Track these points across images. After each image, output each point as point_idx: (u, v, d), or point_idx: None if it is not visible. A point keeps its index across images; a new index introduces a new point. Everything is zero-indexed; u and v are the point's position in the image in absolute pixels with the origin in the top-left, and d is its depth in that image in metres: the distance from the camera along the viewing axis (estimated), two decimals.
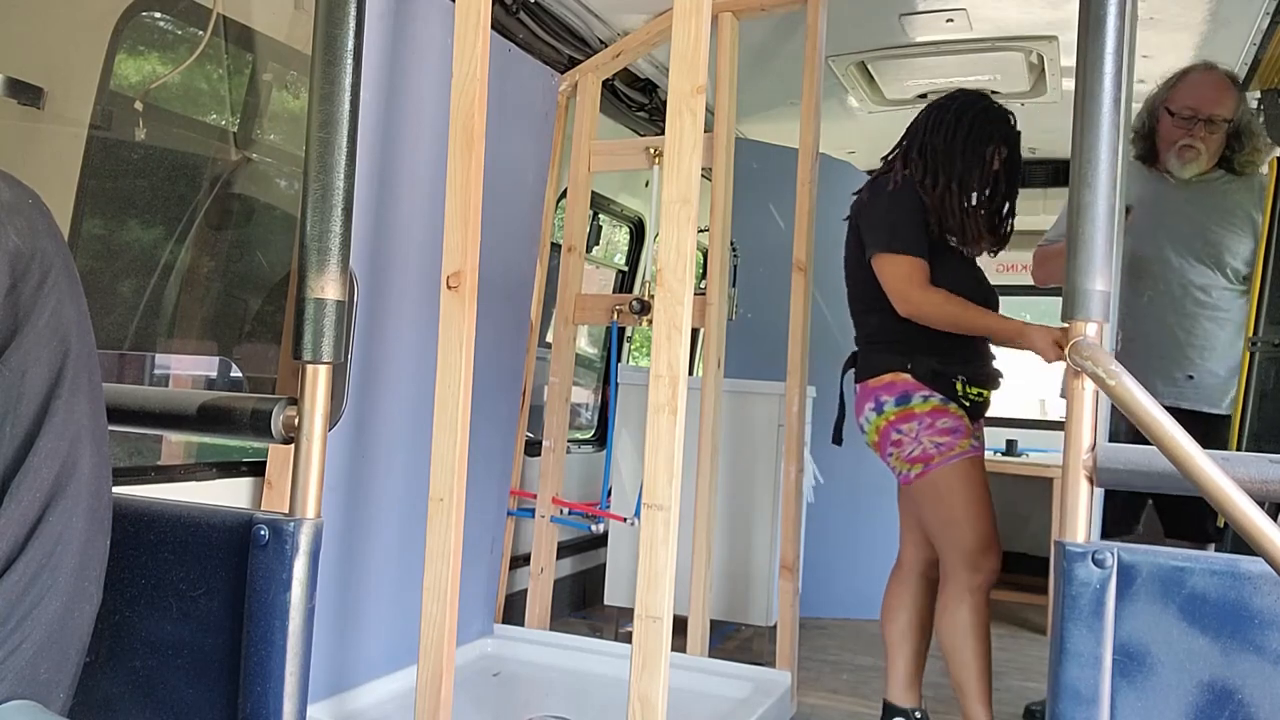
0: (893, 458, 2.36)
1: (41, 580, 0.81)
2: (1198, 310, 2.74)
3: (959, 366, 2.36)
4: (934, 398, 2.33)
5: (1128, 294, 2.63)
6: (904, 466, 2.36)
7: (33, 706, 0.80)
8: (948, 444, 2.32)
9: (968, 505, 2.34)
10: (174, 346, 2.83)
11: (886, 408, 2.34)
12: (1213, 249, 2.73)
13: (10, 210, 0.83)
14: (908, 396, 2.34)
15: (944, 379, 2.34)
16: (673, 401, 1.86)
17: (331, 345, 1.04)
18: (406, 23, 2.46)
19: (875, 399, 2.36)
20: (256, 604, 1.00)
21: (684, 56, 1.87)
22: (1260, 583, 0.95)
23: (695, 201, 1.87)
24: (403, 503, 2.55)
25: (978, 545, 2.34)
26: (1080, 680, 0.98)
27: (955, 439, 2.32)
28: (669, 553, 1.83)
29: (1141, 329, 2.72)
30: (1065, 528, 1.02)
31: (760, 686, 2.70)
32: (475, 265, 2.06)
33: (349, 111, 1.04)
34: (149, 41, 2.63)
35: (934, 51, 3.40)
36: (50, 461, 0.82)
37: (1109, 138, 1.01)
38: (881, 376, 2.36)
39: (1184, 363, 2.75)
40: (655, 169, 3.12)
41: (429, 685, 1.98)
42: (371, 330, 2.42)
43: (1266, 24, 2.83)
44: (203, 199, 2.73)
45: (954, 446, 2.32)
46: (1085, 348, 0.99)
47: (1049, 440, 4.72)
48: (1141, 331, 2.73)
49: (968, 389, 2.37)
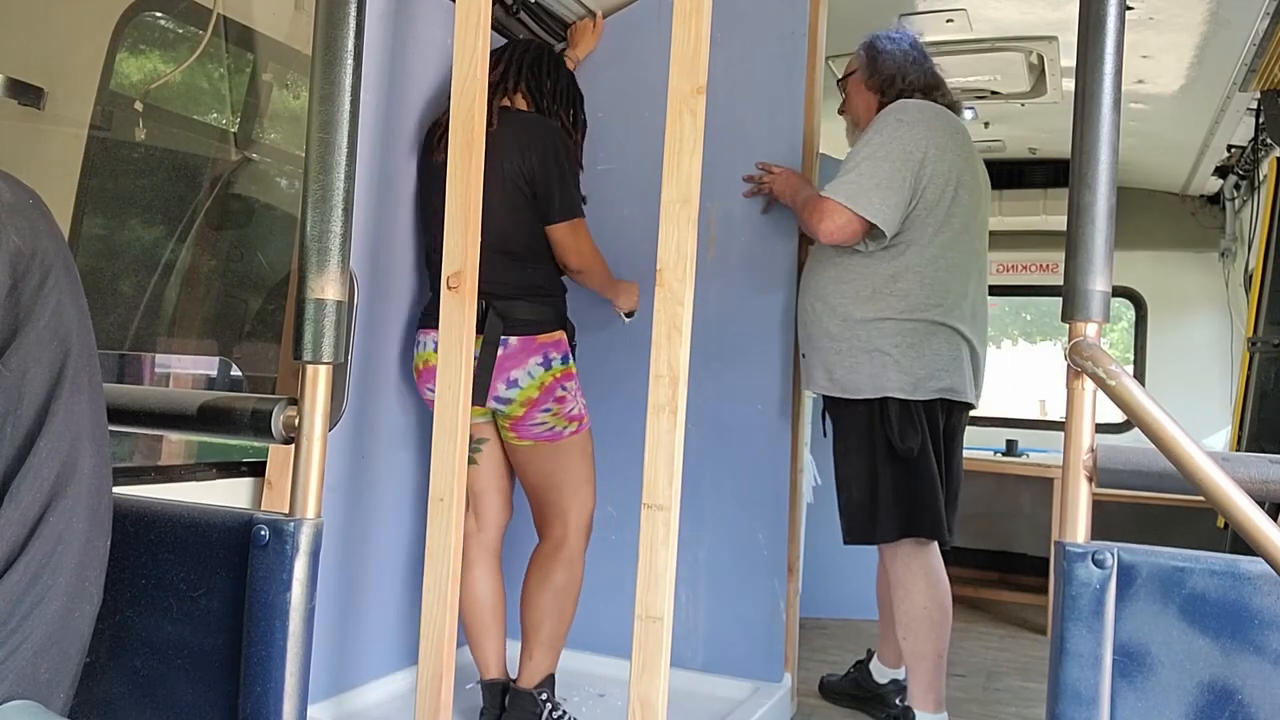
0: (550, 413, 2.34)
1: (42, 580, 0.81)
2: None
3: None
4: (571, 360, 2.41)
5: None
6: (561, 424, 2.37)
7: (33, 707, 0.80)
8: (585, 405, 2.44)
9: (592, 470, 2.46)
10: (174, 346, 2.84)
11: (555, 364, 2.34)
12: None
13: (11, 210, 0.83)
14: (568, 356, 2.38)
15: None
16: (673, 402, 1.86)
17: (331, 345, 1.04)
18: (406, 23, 2.46)
19: (544, 354, 2.34)
20: (256, 604, 1.00)
21: (684, 56, 1.87)
22: (1260, 583, 0.95)
23: (695, 201, 1.87)
24: (403, 503, 2.56)
25: (591, 512, 2.44)
26: (1080, 680, 0.98)
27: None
28: (669, 553, 1.83)
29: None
30: (1065, 528, 1.02)
31: (760, 687, 2.70)
32: (475, 265, 2.06)
33: (349, 111, 1.04)
34: (149, 41, 2.63)
35: (934, 52, 3.37)
36: (51, 461, 0.82)
37: (1109, 138, 1.01)
38: (553, 333, 2.37)
39: None
40: None
41: (429, 685, 1.98)
42: (371, 330, 2.42)
43: (1266, 24, 2.83)
44: (203, 199, 2.73)
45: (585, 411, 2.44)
46: (1085, 348, 0.99)
47: (1049, 440, 4.73)
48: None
49: None
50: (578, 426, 2.39)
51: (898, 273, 2.49)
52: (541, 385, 2.31)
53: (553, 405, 2.33)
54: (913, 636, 2.53)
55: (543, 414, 2.33)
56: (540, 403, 2.32)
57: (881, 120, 2.54)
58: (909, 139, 2.47)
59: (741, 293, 2.86)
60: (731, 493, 2.83)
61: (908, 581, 2.54)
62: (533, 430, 2.35)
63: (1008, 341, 7.11)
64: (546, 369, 2.32)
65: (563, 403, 2.34)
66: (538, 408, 2.32)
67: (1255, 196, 3.93)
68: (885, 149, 2.46)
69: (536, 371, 2.31)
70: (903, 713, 2.60)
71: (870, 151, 2.48)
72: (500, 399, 2.31)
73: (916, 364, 2.47)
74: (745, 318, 2.86)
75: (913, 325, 2.48)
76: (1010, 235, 5.00)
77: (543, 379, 2.31)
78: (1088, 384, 1.01)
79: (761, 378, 2.83)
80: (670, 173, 1.89)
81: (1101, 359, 0.98)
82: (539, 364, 2.31)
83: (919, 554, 2.53)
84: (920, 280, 2.50)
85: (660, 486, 1.84)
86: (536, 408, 2.32)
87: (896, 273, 2.49)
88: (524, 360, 2.30)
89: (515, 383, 2.30)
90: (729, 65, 2.80)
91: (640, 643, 1.84)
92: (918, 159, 2.45)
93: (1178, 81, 3.45)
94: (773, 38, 2.87)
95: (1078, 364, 1.00)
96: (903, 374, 2.47)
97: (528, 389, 2.30)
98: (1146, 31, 3.02)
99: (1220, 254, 4.77)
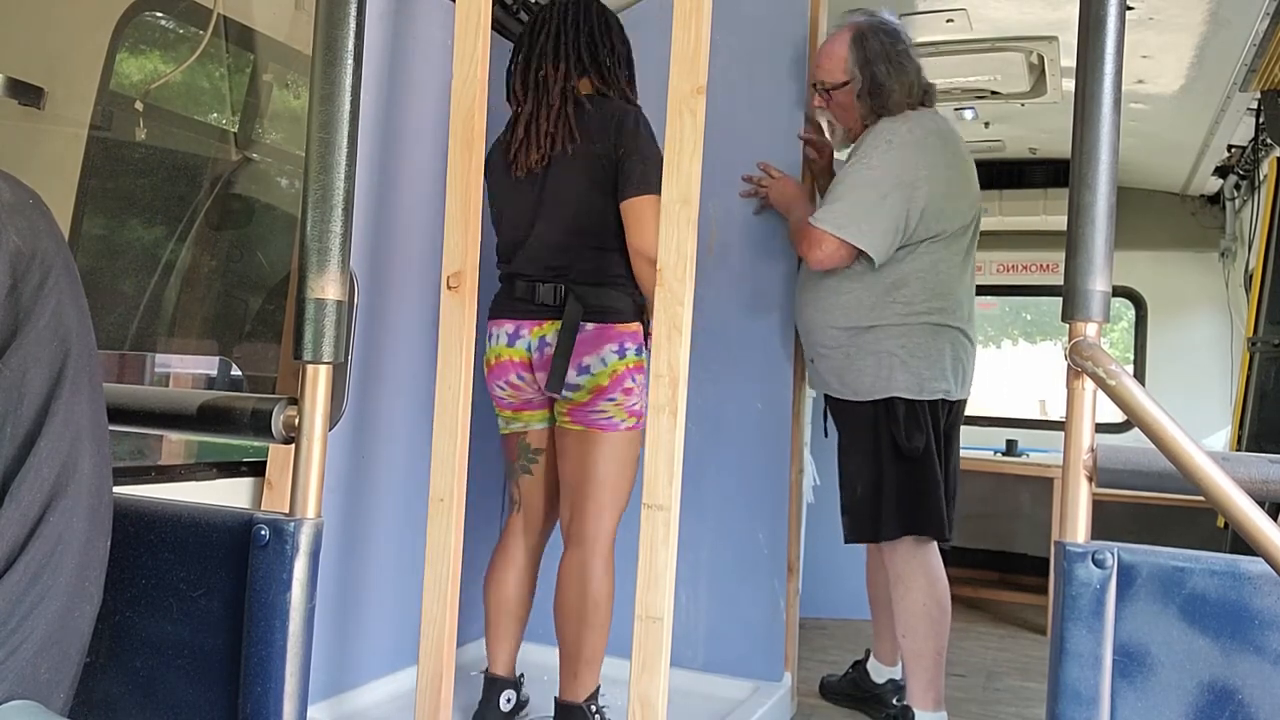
0: (613, 403, 2.25)
1: (42, 580, 0.81)
2: None
3: None
4: (645, 354, 2.30)
5: None
6: (621, 415, 2.27)
7: (33, 707, 0.80)
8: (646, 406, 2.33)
9: (633, 475, 2.32)
10: (174, 346, 2.84)
11: (629, 354, 2.26)
12: None
13: (11, 210, 0.83)
14: (642, 349, 2.29)
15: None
16: (673, 402, 1.86)
17: (331, 345, 1.04)
18: (406, 23, 2.46)
19: (620, 343, 2.26)
20: (256, 604, 1.00)
21: (684, 56, 1.87)
22: (1260, 583, 0.95)
23: (695, 202, 1.87)
24: (403, 503, 2.55)
25: (619, 518, 2.32)
26: (1080, 680, 0.98)
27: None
28: (669, 553, 1.83)
29: None
30: (1065, 528, 1.02)
31: (760, 687, 2.70)
32: (475, 265, 2.06)
33: (349, 111, 1.04)
34: (149, 41, 2.63)
35: (934, 52, 3.40)
36: (50, 462, 0.82)
37: (1109, 138, 1.01)
38: (630, 323, 2.28)
39: None
40: None
41: (429, 685, 1.98)
42: (371, 330, 2.42)
43: (1266, 24, 2.83)
44: (203, 199, 2.73)
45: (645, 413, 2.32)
46: (1085, 348, 1.00)
47: (1049, 440, 4.73)
48: None
49: None
50: (635, 423, 2.29)
51: (898, 281, 2.49)
52: (613, 374, 2.23)
53: (619, 395, 2.25)
54: (912, 634, 2.52)
55: (606, 402, 2.24)
56: (608, 391, 2.23)
57: (873, 141, 2.51)
58: (900, 164, 2.45)
59: (742, 293, 2.86)
60: (732, 492, 2.83)
61: (907, 578, 2.54)
62: (589, 416, 2.26)
63: (1008, 341, 7.11)
64: (621, 358, 2.24)
65: (629, 394, 2.26)
66: (604, 396, 2.24)
67: (1255, 196, 3.94)
68: (875, 174, 2.45)
69: (610, 359, 2.23)
70: (901, 712, 2.60)
71: (859, 179, 2.47)
72: (570, 385, 2.23)
73: (922, 365, 2.48)
74: (746, 318, 2.86)
75: (918, 327, 2.49)
76: (1010, 235, 5.00)
77: (615, 367, 2.23)
78: (1088, 384, 1.01)
79: (762, 378, 2.83)
80: (670, 173, 1.89)
81: (1101, 359, 0.98)
82: (614, 351, 2.24)
83: (919, 551, 2.53)
84: (922, 286, 2.50)
85: (660, 486, 1.84)
86: (602, 395, 2.24)
87: (896, 281, 2.49)
88: (599, 347, 2.23)
89: (587, 369, 2.23)
90: (729, 65, 2.80)
91: (640, 642, 1.84)
92: (909, 182, 2.43)
93: (1178, 81, 3.45)
94: (774, 38, 2.87)
95: (1078, 364, 1.00)
96: (909, 375, 2.48)
97: (599, 375, 2.23)
98: (1146, 31, 3.03)
99: (1220, 254, 4.77)
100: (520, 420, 2.38)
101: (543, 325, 2.26)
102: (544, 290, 2.27)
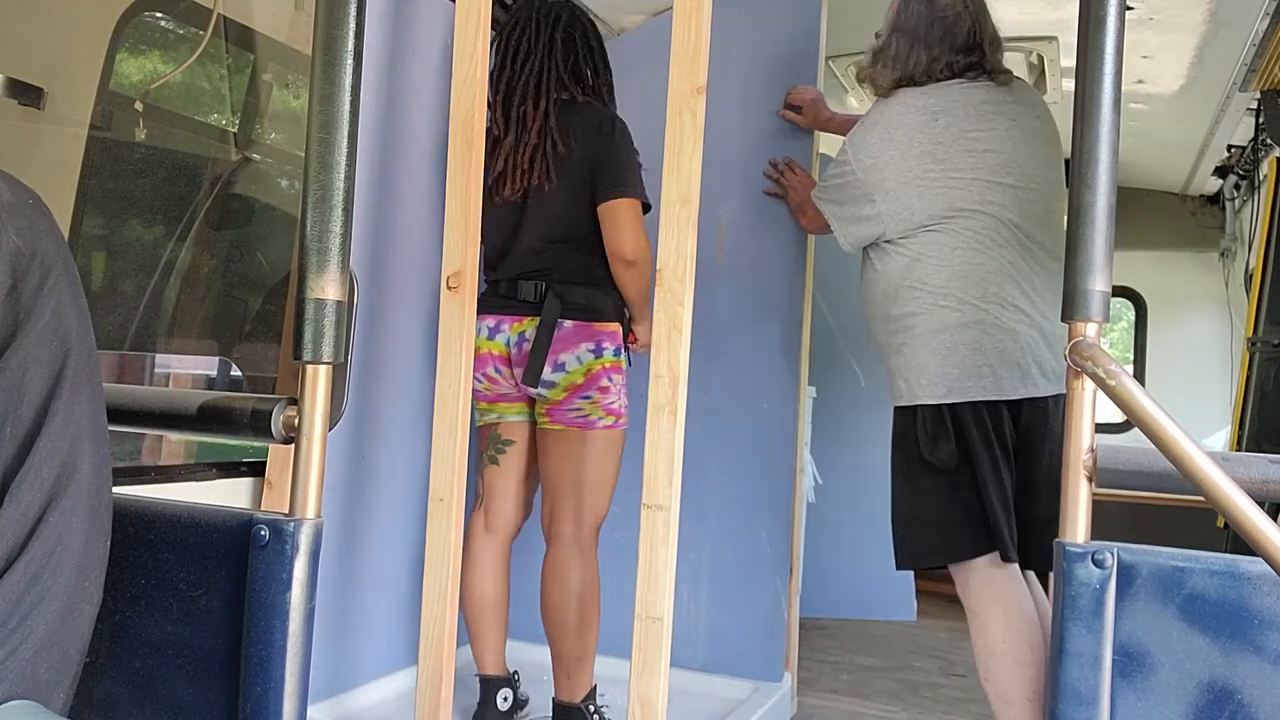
0: (588, 400, 2.26)
1: (42, 580, 0.81)
2: None
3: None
4: (623, 355, 2.35)
5: None
6: (598, 413, 2.28)
7: (33, 707, 0.80)
8: (627, 407, 2.35)
9: (615, 473, 2.35)
10: (174, 346, 2.84)
11: (606, 353, 2.28)
12: None
13: (11, 210, 0.83)
14: (620, 350, 2.32)
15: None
16: (673, 402, 1.86)
17: (331, 345, 1.04)
18: (406, 23, 2.46)
19: (597, 342, 2.27)
20: (256, 604, 1.00)
21: (684, 57, 1.87)
22: (1260, 583, 0.95)
23: (695, 201, 1.87)
24: (403, 503, 2.55)
25: (603, 517, 2.34)
26: (1080, 680, 0.98)
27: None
28: (669, 552, 1.84)
29: None
30: (1065, 528, 1.02)
31: (760, 687, 2.70)
32: (475, 265, 2.06)
33: (349, 111, 1.04)
34: (149, 41, 2.63)
35: None
36: (50, 462, 0.82)
37: (1109, 138, 1.01)
38: (610, 323, 2.30)
39: None
40: None
41: (429, 685, 1.99)
42: (371, 330, 2.42)
43: (1266, 24, 2.83)
44: (203, 199, 2.73)
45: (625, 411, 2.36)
46: (1085, 348, 1.00)
47: None
48: None
49: None
50: (614, 421, 2.30)
51: (913, 261, 2.20)
52: (588, 372, 2.25)
53: (594, 394, 2.26)
54: (994, 679, 2.12)
55: (582, 400, 2.26)
56: (583, 389, 2.25)
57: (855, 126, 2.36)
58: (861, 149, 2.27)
59: (750, 296, 2.86)
60: (735, 492, 2.83)
61: (980, 612, 2.14)
62: (567, 415, 2.28)
63: None
64: (597, 356, 2.26)
65: (605, 393, 2.27)
66: (578, 394, 2.25)
67: (1255, 196, 3.94)
68: (842, 161, 2.32)
69: (586, 358, 2.25)
70: None
71: (835, 167, 2.34)
72: (545, 382, 2.25)
73: (948, 363, 2.13)
74: (752, 320, 2.86)
75: (941, 314, 2.15)
76: None
77: (590, 365, 2.25)
78: (1088, 384, 1.01)
79: (766, 378, 2.83)
80: (670, 173, 1.89)
81: (1101, 359, 0.98)
82: (590, 350, 2.25)
83: (992, 578, 2.13)
84: (938, 264, 2.17)
85: (660, 486, 1.85)
86: (577, 394, 2.25)
87: (911, 261, 2.20)
88: (576, 345, 2.25)
89: (563, 366, 2.24)
90: (729, 65, 2.80)
91: (640, 642, 1.84)
92: (866, 165, 2.24)
93: (1178, 81, 3.45)
94: (777, 38, 2.87)
95: (1078, 364, 1.00)
96: (933, 375, 2.15)
97: (573, 374, 2.24)
98: (1146, 31, 3.02)
99: (1220, 254, 4.77)
100: (495, 411, 2.39)
101: (522, 321, 2.28)
102: (525, 287, 2.29)
